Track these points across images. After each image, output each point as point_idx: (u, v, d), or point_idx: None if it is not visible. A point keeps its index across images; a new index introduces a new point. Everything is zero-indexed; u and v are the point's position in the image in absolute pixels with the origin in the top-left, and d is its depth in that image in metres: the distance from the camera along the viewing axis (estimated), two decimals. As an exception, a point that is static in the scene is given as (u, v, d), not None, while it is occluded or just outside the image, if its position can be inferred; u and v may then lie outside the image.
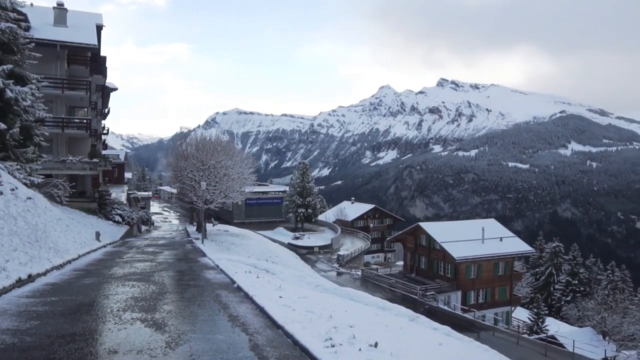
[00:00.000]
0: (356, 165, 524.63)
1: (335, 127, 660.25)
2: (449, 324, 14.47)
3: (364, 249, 70.75)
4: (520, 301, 57.71)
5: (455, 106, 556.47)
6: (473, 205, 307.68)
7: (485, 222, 56.16)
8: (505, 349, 31.13)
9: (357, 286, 46.05)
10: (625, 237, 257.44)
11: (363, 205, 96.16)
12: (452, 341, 9.71)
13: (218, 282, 15.49)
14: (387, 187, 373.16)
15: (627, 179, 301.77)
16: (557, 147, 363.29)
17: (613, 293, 64.47)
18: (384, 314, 11.83)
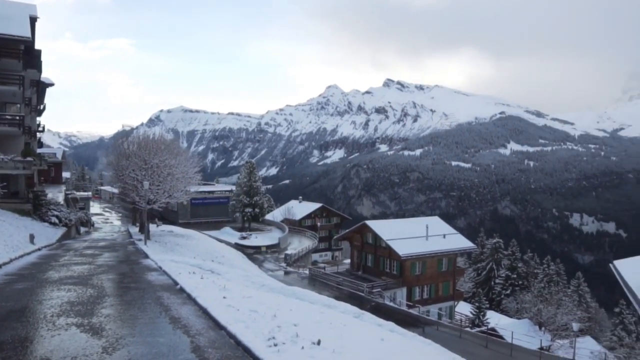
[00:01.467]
0: (304, 165, 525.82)
1: (283, 126, 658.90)
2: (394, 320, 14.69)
3: (311, 248, 70.89)
4: (462, 296, 59.55)
5: (401, 106, 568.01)
6: (418, 203, 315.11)
7: (429, 219, 57.56)
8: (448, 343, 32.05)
9: (304, 285, 46.12)
10: (559, 233, 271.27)
11: (311, 204, 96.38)
12: (395, 336, 9.87)
13: (160, 284, 15.10)
14: (334, 186, 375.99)
15: (561, 177, 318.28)
16: (497, 147, 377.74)
17: (548, 286, 67.83)
18: (329, 312, 11.89)
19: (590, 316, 66.36)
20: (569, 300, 62.17)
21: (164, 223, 59.03)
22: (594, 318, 68.62)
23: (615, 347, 55.41)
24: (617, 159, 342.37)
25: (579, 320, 49.99)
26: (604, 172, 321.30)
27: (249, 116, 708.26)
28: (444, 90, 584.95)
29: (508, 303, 64.41)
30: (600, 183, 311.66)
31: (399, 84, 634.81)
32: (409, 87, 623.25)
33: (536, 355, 36.38)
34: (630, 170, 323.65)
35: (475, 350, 34.15)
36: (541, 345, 42.84)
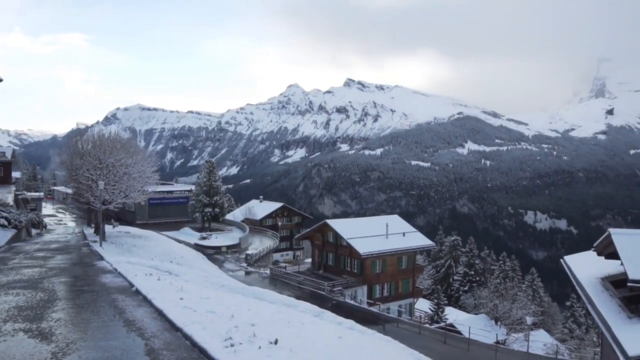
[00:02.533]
0: (265, 164, 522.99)
1: (243, 125, 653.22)
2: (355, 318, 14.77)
3: (272, 248, 70.56)
4: (422, 293, 60.58)
5: (362, 106, 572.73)
6: (379, 202, 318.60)
7: (389, 218, 58.20)
8: (408, 339, 32.52)
9: (265, 285, 45.87)
10: (515, 230, 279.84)
11: (272, 204, 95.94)
12: (354, 334, 9.93)
13: (115, 287, 14.70)
14: (296, 185, 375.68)
15: (516, 176, 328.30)
16: (455, 147, 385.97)
17: (504, 281, 69.88)
18: (288, 311, 11.84)
19: (544, 310, 68.71)
20: (523, 295, 64.27)
21: (121, 224, 57.56)
22: (547, 312, 71.07)
23: (566, 339, 57.64)
24: (569, 158, 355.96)
25: (532, 314, 51.67)
26: (556, 171, 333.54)
27: (209, 115, 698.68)
28: (404, 91, 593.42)
29: (466, 299, 65.96)
30: (552, 182, 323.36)
31: (360, 83, 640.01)
32: (369, 87, 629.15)
33: (492, 349, 37.34)
34: (580, 169, 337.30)
35: (434, 345, 34.75)
36: (497, 339, 44.03)
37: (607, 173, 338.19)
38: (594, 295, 15.75)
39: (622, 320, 13.22)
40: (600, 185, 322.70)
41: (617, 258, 13.98)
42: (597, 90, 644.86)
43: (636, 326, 12.63)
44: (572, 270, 19.40)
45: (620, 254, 13.72)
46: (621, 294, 15.35)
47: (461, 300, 69.27)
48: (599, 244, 16.55)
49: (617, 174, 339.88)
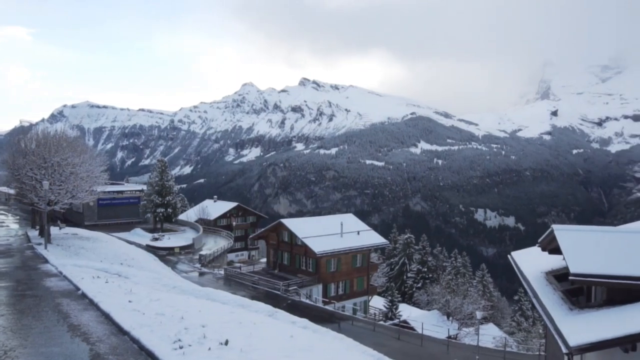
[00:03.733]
0: (219, 163, 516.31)
1: (197, 123, 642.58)
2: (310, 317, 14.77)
3: (227, 248, 69.81)
4: (376, 290, 61.28)
5: (317, 105, 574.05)
6: (334, 201, 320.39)
7: (344, 216, 58.59)
8: (362, 336, 32.85)
9: (219, 286, 45.30)
10: (466, 227, 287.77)
11: (226, 204, 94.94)
12: (307, 333, 9.91)
13: (60, 290, 14.13)
14: (251, 184, 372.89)
15: (467, 175, 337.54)
16: (408, 146, 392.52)
17: (456, 278, 71.69)
18: (240, 312, 11.71)
19: (493, 304, 70.88)
20: (474, 291, 66.17)
21: (68, 225, 55.51)
22: (496, 306, 73.36)
23: (514, 332, 59.71)
24: (516, 157, 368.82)
25: (482, 309, 53.28)
26: (505, 170, 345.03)
27: (161, 113, 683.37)
28: (359, 91, 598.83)
29: (419, 296, 67.13)
30: (501, 180, 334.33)
31: (315, 83, 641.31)
32: (324, 86, 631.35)
33: (445, 344, 38.20)
34: (527, 168, 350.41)
35: (388, 342, 35.25)
36: (449, 334, 45.06)
37: (552, 172, 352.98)
38: (539, 289, 16.35)
39: (564, 313, 13.77)
40: (545, 183, 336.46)
41: (560, 253, 14.53)
42: (543, 93, 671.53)
43: (577, 318, 13.18)
44: (518, 265, 20.08)
45: (563, 249, 14.28)
46: (564, 287, 16.01)
47: (415, 296, 70.48)
48: (543, 239, 17.19)
49: (561, 173, 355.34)
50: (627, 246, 14.29)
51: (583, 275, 13.21)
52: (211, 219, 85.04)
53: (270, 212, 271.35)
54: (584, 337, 11.59)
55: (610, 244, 14.40)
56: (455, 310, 53.31)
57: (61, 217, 61.31)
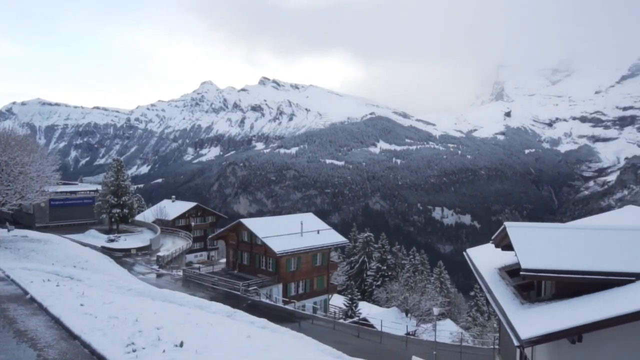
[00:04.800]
0: (178, 163, 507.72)
1: (154, 122, 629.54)
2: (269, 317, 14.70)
3: (185, 249, 68.75)
4: (336, 289, 61.62)
5: (277, 105, 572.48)
6: (294, 200, 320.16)
7: (304, 216, 58.63)
8: (322, 335, 32.97)
9: (177, 287, 44.53)
10: (424, 225, 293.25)
11: (185, 204, 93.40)
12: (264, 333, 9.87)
13: (7, 295, 13.55)
14: (210, 184, 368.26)
15: (425, 174, 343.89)
16: (368, 146, 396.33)
17: (414, 275, 72.94)
18: (197, 313, 11.54)
19: (450, 300, 72.45)
20: (432, 288, 67.47)
21: (17, 227, 53.32)
22: (453, 302, 75.04)
23: (470, 327, 61.21)
24: (472, 157, 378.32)
25: (440, 305, 54.34)
26: (461, 169, 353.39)
27: (117, 111, 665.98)
28: (319, 90, 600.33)
29: (379, 293, 67.89)
30: (458, 179, 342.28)
31: (275, 82, 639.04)
32: (284, 85, 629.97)
33: (403, 340, 38.78)
34: (482, 168, 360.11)
35: (347, 340, 35.50)
36: (407, 330, 45.81)
37: (506, 171, 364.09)
38: (492, 285, 16.83)
39: (515, 307, 14.22)
40: (499, 182, 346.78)
41: (512, 249, 15.00)
42: (497, 94, 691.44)
43: (528, 311, 13.64)
44: (473, 262, 20.61)
45: (514, 246, 14.75)
46: (516, 283, 16.54)
47: (374, 294, 71.23)
48: (496, 236, 17.71)
49: (514, 172, 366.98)
50: (575, 242, 14.89)
51: (533, 270, 13.68)
52: (169, 220, 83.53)
53: (230, 212, 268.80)
54: (533, 330, 12.01)
55: (558, 240, 14.97)
56: (413, 307, 54.22)
57: (10, 218, 58.86)
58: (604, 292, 13.06)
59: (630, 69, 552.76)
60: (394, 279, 69.28)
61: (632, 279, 13.06)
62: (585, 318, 11.75)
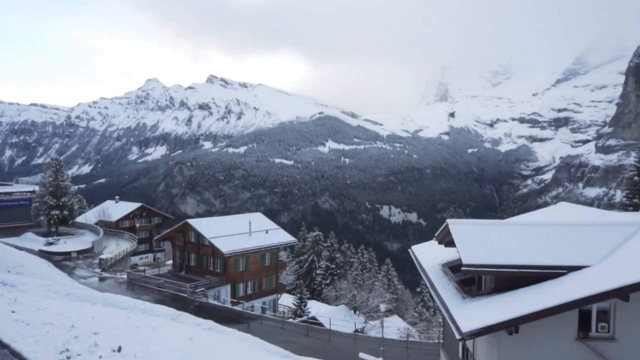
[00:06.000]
0: (122, 162, 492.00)
1: (97, 120, 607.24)
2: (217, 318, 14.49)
3: (130, 251, 66.95)
4: (285, 288, 61.49)
5: (225, 103, 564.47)
6: (243, 200, 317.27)
7: (253, 215, 58.20)
8: (270, 335, 32.83)
9: (121, 290, 43.24)
10: (372, 224, 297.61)
11: (129, 204, 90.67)
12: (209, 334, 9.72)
13: None
14: (156, 184, 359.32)
15: (373, 173, 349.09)
16: (317, 145, 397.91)
17: (362, 273, 73.80)
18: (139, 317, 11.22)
19: (397, 297, 73.89)
20: (379, 285, 68.53)
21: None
22: (401, 298, 76.57)
23: (417, 322, 62.61)
24: (418, 156, 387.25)
25: (387, 301, 55.38)
26: (408, 168, 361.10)
27: (56, 108, 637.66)
28: (267, 89, 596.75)
29: (328, 292, 68.31)
30: (404, 178, 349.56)
31: (223, 80, 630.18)
32: (232, 84, 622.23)
33: (351, 337, 39.18)
34: (428, 167, 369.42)
35: (296, 339, 35.53)
36: (355, 328, 46.32)
37: (450, 170, 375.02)
38: (435, 280, 17.31)
39: (457, 301, 14.69)
40: (444, 180, 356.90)
41: (454, 246, 15.48)
42: (442, 95, 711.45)
43: (469, 305, 14.12)
44: (417, 258, 21.12)
45: (456, 242, 15.23)
46: (458, 278, 17.09)
47: (324, 293, 71.57)
48: (439, 233, 18.23)
49: (457, 171, 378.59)
50: (512, 237, 15.54)
51: (473, 265, 14.19)
52: (113, 221, 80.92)
53: (177, 212, 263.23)
54: (474, 323, 12.45)
55: (497, 236, 15.58)
56: (361, 305, 54.93)
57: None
58: (538, 284, 13.70)
59: (564, 73, 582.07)
60: (342, 277, 69.87)
61: (564, 271, 13.77)
62: (522, 310, 12.30)
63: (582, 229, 15.48)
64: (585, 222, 16.43)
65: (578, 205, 24.15)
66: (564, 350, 12.98)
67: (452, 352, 20.25)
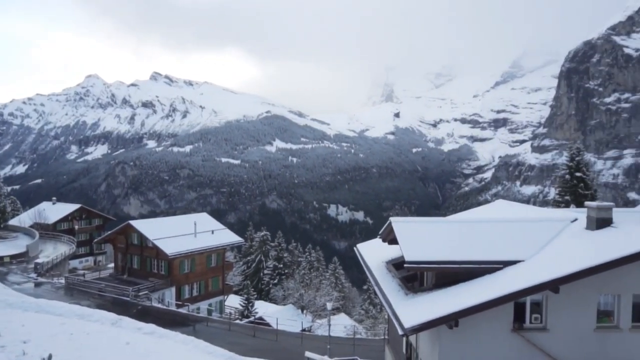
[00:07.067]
0: (60, 162, 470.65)
1: (32, 117, 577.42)
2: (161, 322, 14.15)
3: (68, 254, 64.25)
4: (232, 289, 60.83)
5: (170, 101, 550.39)
6: (189, 200, 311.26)
7: (198, 216, 57.21)
8: (217, 337, 32.38)
9: (58, 296, 41.44)
10: (319, 223, 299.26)
11: (67, 206, 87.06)
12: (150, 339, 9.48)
13: None
14: (97, 184, 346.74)
15: (320, 172, 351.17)
16: (264, 144, 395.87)
17: (310, 272, 74.08)
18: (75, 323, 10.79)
19: (345, 295, 74.66)
20: (327, 283, 69.06)
21: None
22: (348, 296, 77.36)
23: (363, 319, 63.45)
24: (364, 156, 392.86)
25: (334, 300, 55.90)
26: (354, 167, 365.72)
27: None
28: (213, 88, 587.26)
29: (276, 292, 68.15)
30: (351, 177, 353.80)
31: (167, 78, 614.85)
32: (177, 81, 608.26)
33: (299, 337, 39.24)
34: (374, 166, 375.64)
35: (243, 340, 35.23)
36: (303, 327, 46.43)
37: (395, 169, 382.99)
38: (380, 277, 17.61)
39: (400, 298, 15.01)
40: (390, 179, 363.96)
41: (397, 243, 15.81)
42: (387, 95, 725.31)
43: (411, 301, 14.46)
44: (362, 256, 21.42)
45: (399, 240, 15.56)
46: (401, 275, 17.45)
47: (271, 293, 71.31)
48: (383, 231, 18.56)
49: (403, 170, 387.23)
50: (453, 234, 16.04)
51: (415, 262, 14.55)
52: (50, 223, 77.47)
53: (119, 213, 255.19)
54: (415, 319, 12.77)
55: (439, 233, 16.04)
56: (309, 304, 55.16)
57: None
58: (477, 279, 14.22)
59: (503, 76, 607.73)
60: (290, 277, 69.88)
61: (500, 266, 14.36)
62: (461, 305, 12.72)
63: (517, 225, 16.19)
64: (520, 219, 17.20)
65: (514, 203, 25.26)
66: (501, 341, 13.53)
67: (396, 348, 20.67)
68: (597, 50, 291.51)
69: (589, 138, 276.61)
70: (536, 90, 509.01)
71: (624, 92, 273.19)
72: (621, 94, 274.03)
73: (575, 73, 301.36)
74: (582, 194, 38.48)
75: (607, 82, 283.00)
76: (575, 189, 39.35)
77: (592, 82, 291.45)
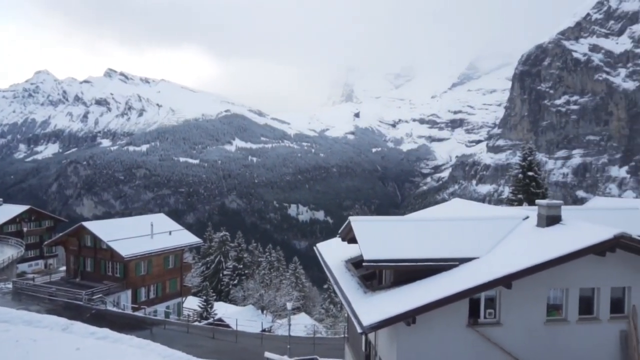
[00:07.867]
0: (7, 161, 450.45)
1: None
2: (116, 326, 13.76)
3: (16, 258, 61.76)
4: (190, 291, 59.86)
5: (125, 99, 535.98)
6: (146, 200, 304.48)
7: (155, 217, 56.05)
8: (175, 340, 31.80)
9: (5, 302, 39.78)
10: (280, 222, 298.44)
11: (15, 207, 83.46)
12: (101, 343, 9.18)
13: None
14: (48, 185, 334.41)
15: (280, 172, 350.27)
16: (223, 144, 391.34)
17: (270, 272, 73.77)
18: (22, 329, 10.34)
19: (305, 295, 74.70)
20: (287, 283, 68.93)
21: None
22: (308, 296, 77.46)
23: (324, 318, 63.68)
24: (325, 155, 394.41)
25: (295, 299, 55.87)
26: (315, 166, 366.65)
27: None
28: (171, 85, 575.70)
29: (235, 292, 67.50)
30: (312, 177, 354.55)
31: (123, 75, 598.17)
32: (133, 79, 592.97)
33: (258, 337, 39.01)
34: (334, 165, 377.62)
35: (202, 342, 34.72)
36: (263, 327, 46.19)
37: (355, 168, 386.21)
38: (339, 276, 17.68)
39: (359, 296, 15.11)
40: (350, 179, 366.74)
41: (357, 242, 15.90)
42: (347, 95, 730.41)
43: (370, 299, 14.58)
44: (322, 255, 21.45)
45: (358, 239, 15.65)
46: (360, 273, 17.57)
47: (231, 294, 70.60)
48: (342, 231, 18.62)
49: (363, 169, 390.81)
50: (410, 233, 16.25)
51: (374, 261, 14.67)
52: (-5, 226, 74.01)
53: (72, 215, 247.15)
54: (374, 317, 12.87)
55: (397, 232, 16.22)
56: (269, 304, 54.94)
57: None
58: (433, 277, 14.47)
59: (460, 77, 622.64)
60: (250, 277, 69.39)
61: (456, 263, 14.66)
62: (418, 302, 12.91)
63: (472, 224, 16.58)
64: (475, 217, 17.62)
65: (470, 201, 25.86)
66: (457, 336, 13.81)
67: (356, 346, 20.80)
68: (548, 54, 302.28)
69: (541, 138, 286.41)
70: (491, 91, 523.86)
71: (573, 94, 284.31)
72: (570, 96, 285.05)
73: (528, 75, 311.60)
74: (534, 193, 39.82)
75: (557, 85, 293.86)
76: (527, 188, 40.69)
77: (543, 85, 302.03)
